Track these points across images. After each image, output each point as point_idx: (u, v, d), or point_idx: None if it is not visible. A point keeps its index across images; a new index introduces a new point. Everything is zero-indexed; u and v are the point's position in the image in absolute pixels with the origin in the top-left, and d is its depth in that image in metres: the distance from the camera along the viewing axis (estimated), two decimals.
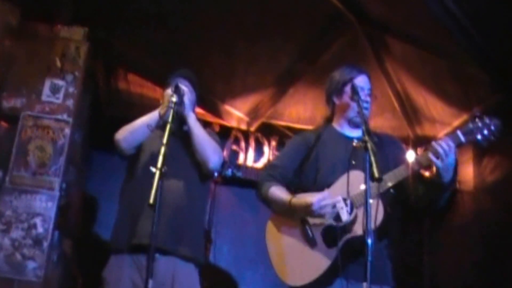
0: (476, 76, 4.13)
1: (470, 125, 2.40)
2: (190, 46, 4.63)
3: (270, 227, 2.71)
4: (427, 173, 3.08)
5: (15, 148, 3.80)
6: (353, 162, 2.46)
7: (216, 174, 3.20)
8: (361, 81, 2.71)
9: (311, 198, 2.48)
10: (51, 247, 3.70)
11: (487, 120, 2.39)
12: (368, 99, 2.68)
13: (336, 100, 2.78)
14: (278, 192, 2.67)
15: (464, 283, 4.84)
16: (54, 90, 3.95)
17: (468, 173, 5.03)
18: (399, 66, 4.79)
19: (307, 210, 2.49)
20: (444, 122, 4.92)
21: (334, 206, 2.47)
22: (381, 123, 5.13)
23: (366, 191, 2.09)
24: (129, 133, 2.80)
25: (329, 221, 2.49)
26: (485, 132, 2.37)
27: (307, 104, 5.41)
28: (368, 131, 2.17)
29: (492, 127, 2.38)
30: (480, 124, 2.38)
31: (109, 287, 2.63)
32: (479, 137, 2.38)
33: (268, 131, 5.61)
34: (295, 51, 4.80)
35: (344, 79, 2.73)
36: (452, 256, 5.12)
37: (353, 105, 2.60)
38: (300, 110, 5.51)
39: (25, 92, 3.92)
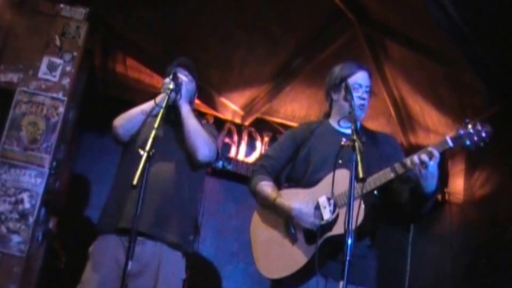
0: (473, 85, 4.11)
1: (461, 131, 2.35)
2: (188, 32, 4.64)
3: (255, 219, 2.73)
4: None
5: (8, 122, 3.80)
6: (340, 162, 2.46)
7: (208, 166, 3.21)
8: (359, 77, 2.66)
9: (294, 203, 2.52)
10: (37, 223, 3.71)
11: (478, 127, 2.34)
12: (365, 96, 2.64)
13: (333, 96, 2.74)
14: (265, 188, 2.68)
15: None
16: (51, 68, 3.94)
17: (458, 185, 5.03)
18: (397, 71, 4.78)
19: (288, 214, 2.54)
20: (438, 132, 4.92)
21: (316, 206, 2.49)
22: (375, 127, 5.10)
23: (349, 190, 2.10)
24: (127, 120, 2.83)
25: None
26: (475, 138, 2.33)
27: (302, 103, 5.42)
28: (357, 131, 2.17)
29: (483, 134, 2.33)
30: (471, 130, 2.34)
31: (93, 261, 2.65)
32: (468, 142, 2.34)
33: (262, 126, 5.63)
34: (293, 45, 4.79)
35: (342, 75, 2.68)
36: (434, 266, 5.13)
37: (347, 103, 2.56)
38: (296, 108, 5.52)
39: (22, 67, 3.92)
